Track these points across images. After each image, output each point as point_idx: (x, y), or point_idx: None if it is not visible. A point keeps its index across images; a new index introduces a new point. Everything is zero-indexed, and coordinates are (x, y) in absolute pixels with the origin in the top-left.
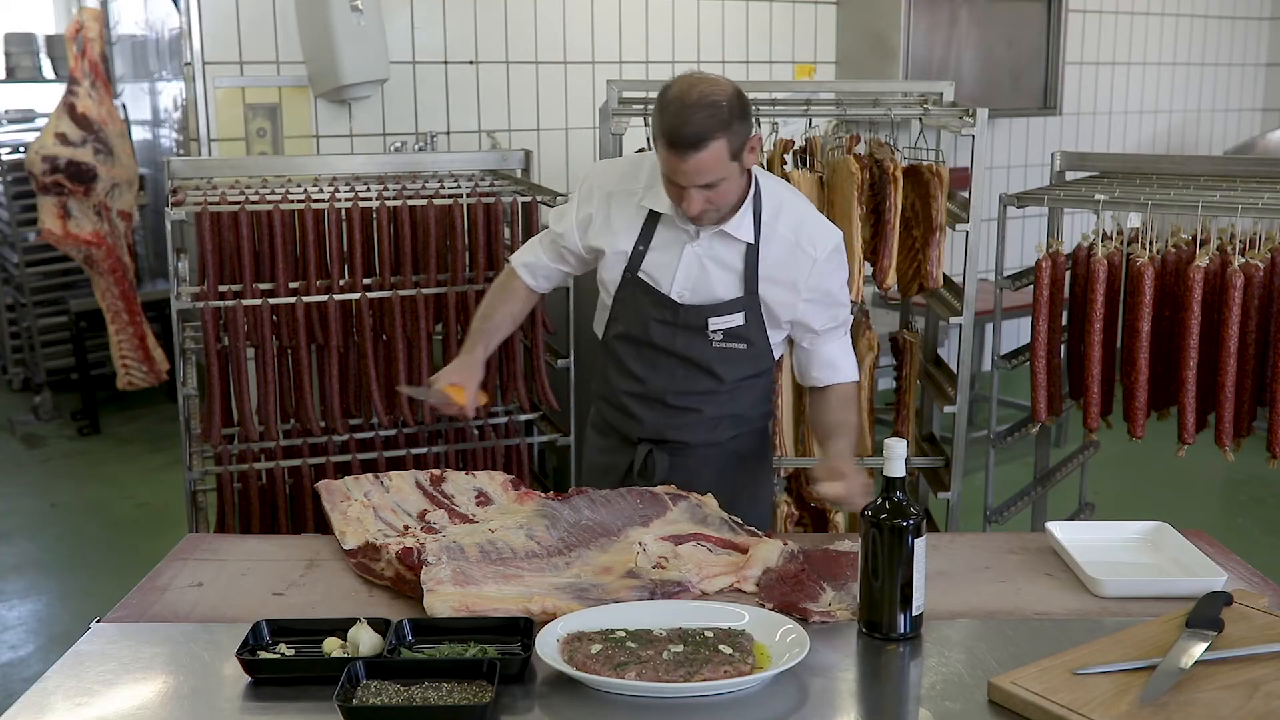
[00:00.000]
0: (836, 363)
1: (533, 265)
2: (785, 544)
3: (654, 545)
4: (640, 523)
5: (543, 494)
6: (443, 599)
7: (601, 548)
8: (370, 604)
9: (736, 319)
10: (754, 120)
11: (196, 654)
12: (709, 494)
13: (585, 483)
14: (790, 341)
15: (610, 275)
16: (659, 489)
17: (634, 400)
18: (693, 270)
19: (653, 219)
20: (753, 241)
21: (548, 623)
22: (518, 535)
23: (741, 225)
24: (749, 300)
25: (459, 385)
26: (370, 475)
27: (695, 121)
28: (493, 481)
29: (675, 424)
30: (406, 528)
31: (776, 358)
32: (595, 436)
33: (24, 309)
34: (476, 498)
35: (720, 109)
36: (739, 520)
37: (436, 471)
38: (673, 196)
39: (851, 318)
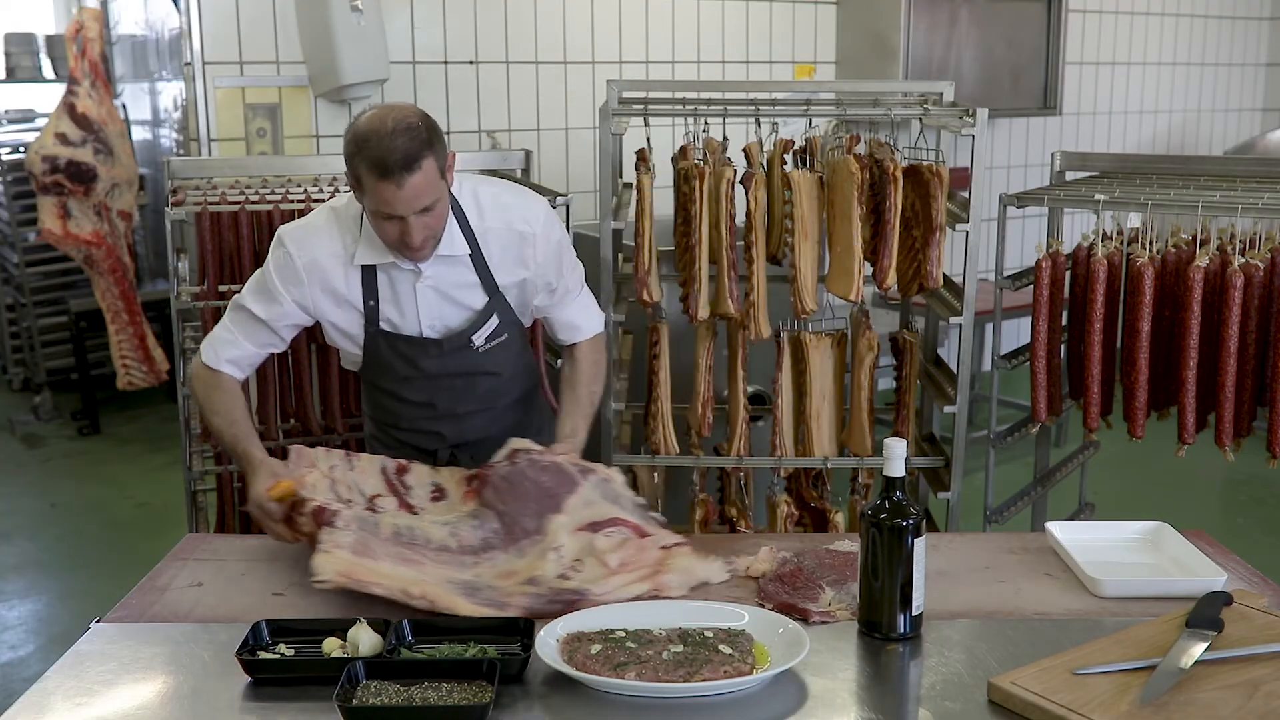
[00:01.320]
0: (576, 322)
1: (237, 359)
2: (709, 557)
3: (571, 542)
4: (553, 508)
5: (476, 483)
6: (331, 561)
7: (519, 551)
8: (370, 604)
9: (493, 322)
10: (444, 139)
11: (196, 654)
12: (614, 468)
13: None
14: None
15: (351, 335)
16: (560, 458)
17: (426, 421)
18: (432, 302)
19: (369, 273)
20: (472, 250)
21: (429, 609)
22: (440, 530)
23: (454, 242)
24: (496, 302)
25: (277, 482)
26: (343, 451)
27: (401, 146)
28: (452, 479)
29: (470, 426)
30: (349, 503)
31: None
32: (383, 450)
33: (24, 309)
34: (432, 492)
35: (419, 129)
36: (644, 502)
37: (404, 462)
38: (390, 237)
39: (583, 272)
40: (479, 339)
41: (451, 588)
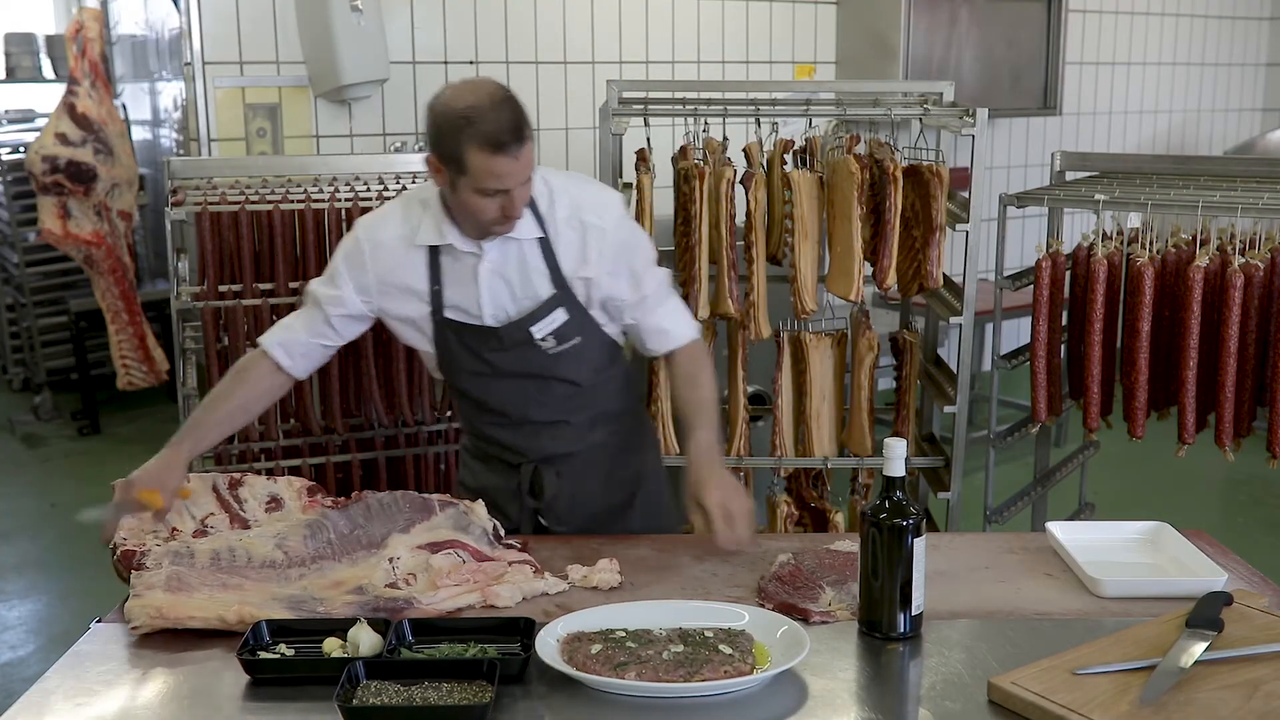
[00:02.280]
0: (665, 328)
1: (289, 344)
2: (546, 574)
3: (408, 557)
4: (403, 529)
5: (328, 503)
6: (143, 605)
7: (353, 561)
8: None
9: (558, 317)
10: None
11: (196, 654)
12: (479, 501)
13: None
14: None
15: (418, 326)
16: (433, 496)
17: (501, 429)
18: (496, 288)
19: (434, 254)
20: (542, 235)
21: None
22: (266, 545)
23: (524, 224)
24: (562, 294)
25: (154, 489)
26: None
27: (510, 117)
28: (290, 488)
29: (549, 437)
30: (176, 531)
31: (616, 342)
32: (474, 462)
33: (24, 309)
34: (268, 503)
35: (514, 99)
36: (502, 533)
37: (237, 475)
38: (489, 213)
39: (668, 277)
40: (540, 331)
41: (275, 604)
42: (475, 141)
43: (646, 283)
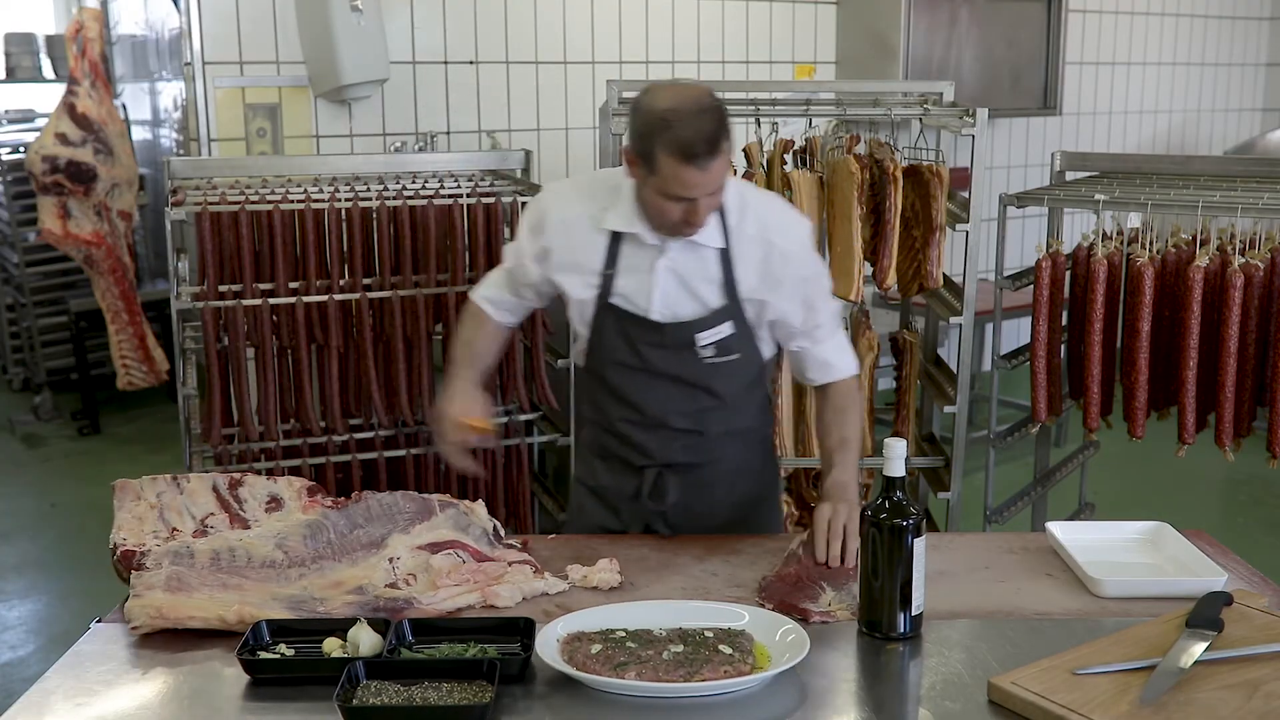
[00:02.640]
0: (830, 360)
1: (495, 300)
2: (546, 574)
3: (408, 557)
4: (404, 529)
5: (329, 503)
6: (143, 605)
7: (353, 561)
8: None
9: (724, 329)
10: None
11: (196, 654)
12: (479, 501)
13: (582, 504)
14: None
15: (581, 305)
16: (433, 496)
17: (634, 428)
18: (670, 286)
19: (615, 240)
20: (724, 246)
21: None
22: (266, 545)
23: (710, 231)
24: (733, 308)
25: (478, 417)
26: (169, 476)
27: (708, 130)
28: (290, 488)
29: (680, 445)
30: (175, 530)
31: (767, 361)
32: (596, 461)
33: (24, 309)
34: (268, 503)
35: (719, 110)
36: (502, 533)
37: (237, 475)
38: (671, 216)
39: (841, 314)
40: (704, 339)
41: (275, 604)
42: (668, 147)
43: (820, 313)
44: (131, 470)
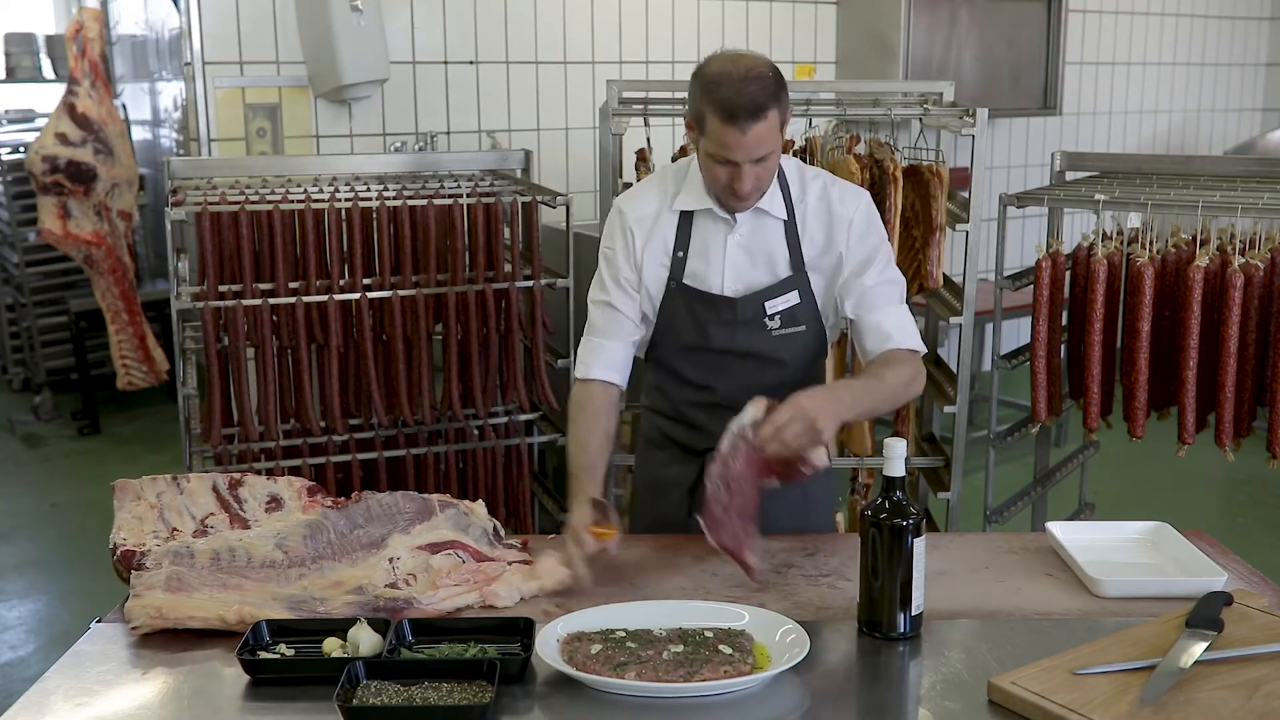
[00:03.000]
0: (888, 331)
1: (607, 360)
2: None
3: (408, 557)
4: (404, 529)
5: (329, 503)
6: (143, 605)
7: (353, 561)
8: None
9: (791, 298)
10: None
11: (196, 654)
12: (479, 501)
13: (644, 500)
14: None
15: (653, 291)
16: (433, 496)
17: (700, 410)
18: (739, 261)
19: (686, 221)
20: (788, 217)
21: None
22: (266, 545)
23: (774, 201)
24: (799, 278)
25: (600, 524)
26: (169, 476)
27: (751, 93)
28: (290, 488)
29: None
30: (175, 530)
31: (827, 344)
32: (652, 451)
33: (24, 309)
34: (268, 503)
35: (769, 80)
36: (502, 533)
37: (237, 475)
38: (720, 180)
39: (904, 287)
40: (773, 308)
41: (275, 604)
42: (712, 107)
43: (874, 275)
44: (131, 470)
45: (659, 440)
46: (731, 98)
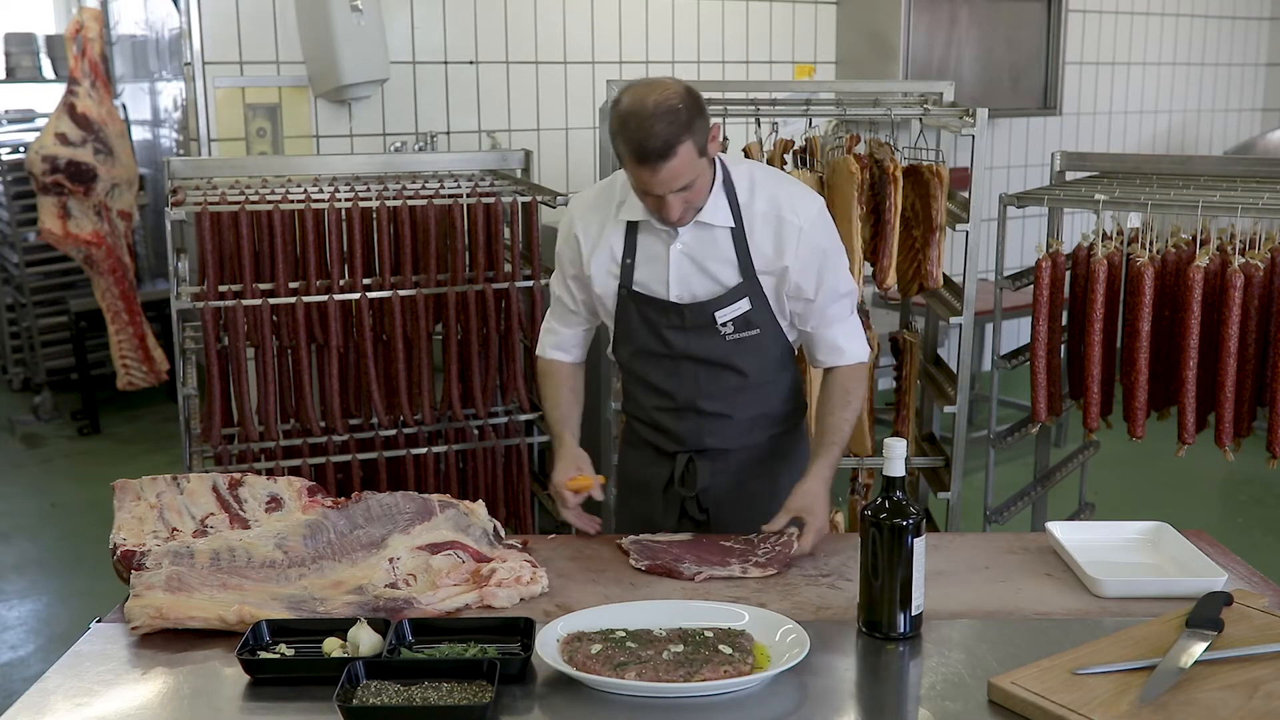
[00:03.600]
0: (839, 344)
1: (555, 344)
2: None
3: (408, 557)
4: (404, 529)
5: (329, 503)
6: (143, 605)
7: (353, 561)
8: None
9: (742, 305)
10: (708, 113)
11: (196, 654)
12: (479, 501)
13: (624, 498)
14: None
15: (605, 297)
16: (433, 496)
17: (665, 414)
18: (684, 269)
19: (632, 230)
20: (734, 225)
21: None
22: (266, 545)
23: (718, 211)
24: (749, 285)
25: (577, 476)
26: (169, 476)
27: (658, 132)
28: (290, 488)
29: (709, 430)
30: (175, 530)
31: (792, 342)
32: (629, 451)
33: (24, 309)
34: (268, 503)
35: (678, 112)
36: (502, 533)
37: (237, 475)
38: (651, 207)
39: (856, 295)
40: (724, 316)
41: (275, 604)
42: (623, 146)
43: (829, 292)
44: (131, 470)
45: (635, 441)
46: (640, 139)
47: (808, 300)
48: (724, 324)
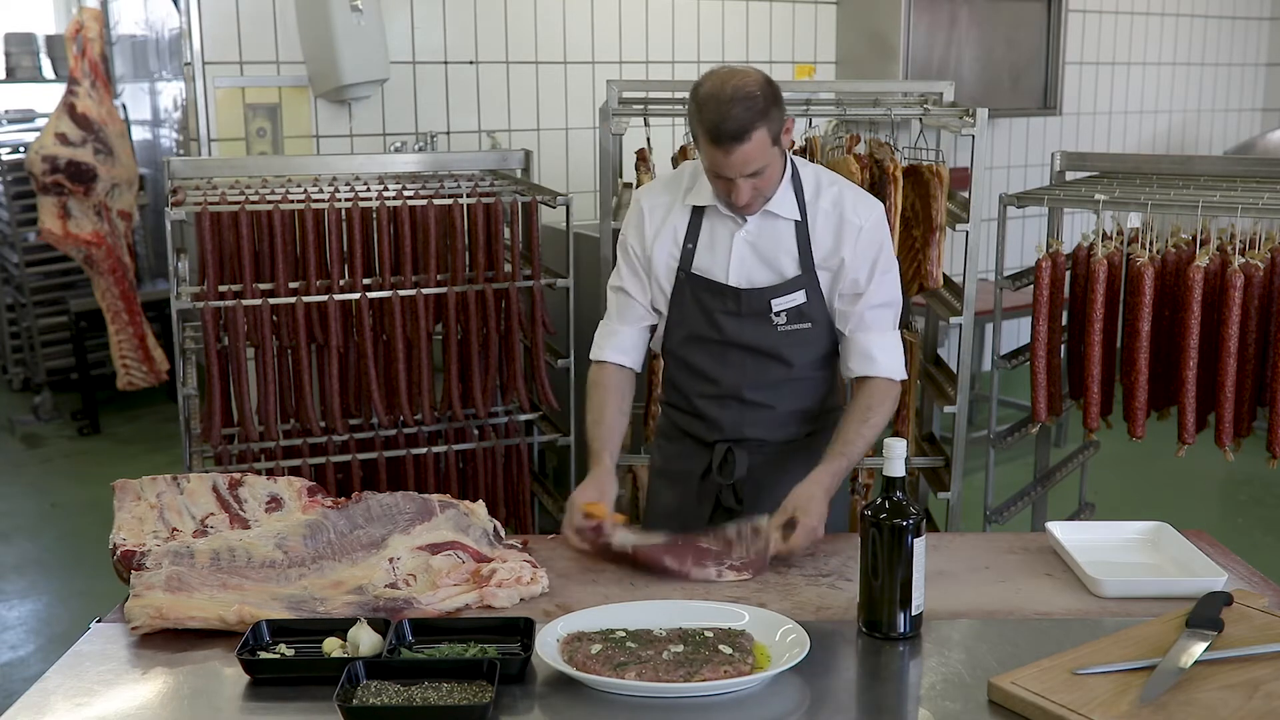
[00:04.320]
0: (874, 354)
1: (619, 344)
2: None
3: (408, 558)
4: (404, 530)
5: (329, 503)
6: (143, 605)
7: (353, 561)
8: None
9: (798, 297)
10: (784, 105)
11: (196, 654)
12: (479, 502)
13: (655, 489)
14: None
15: (663, 279)
16: (433, 497)
17: (707, 401)
18: (746, 256)
19: (697, 216)
20: (800, 219)
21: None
22: (266, 545)
23: (785, 203)
24: (807, 278)
25: (597, 501)
26: (169, 476)
27: (735, 115)
28: (290, 488)
29: (751, 420)
30: (175, 530)
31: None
32: (665, 444)
33: (24, 309)
34: (268, 503)
35: (756, 99)
36: (502, 533)
37: (237, 475)
38: (720, 190)
39: (899, 309)
40: (779, 305)
41: (275, 604)
42: (700, 128)
43: (874, 295)
44: (131, 470)
45: (672, 432)
46: (716, 120)
47: (855, 294)
48: (778, 313)
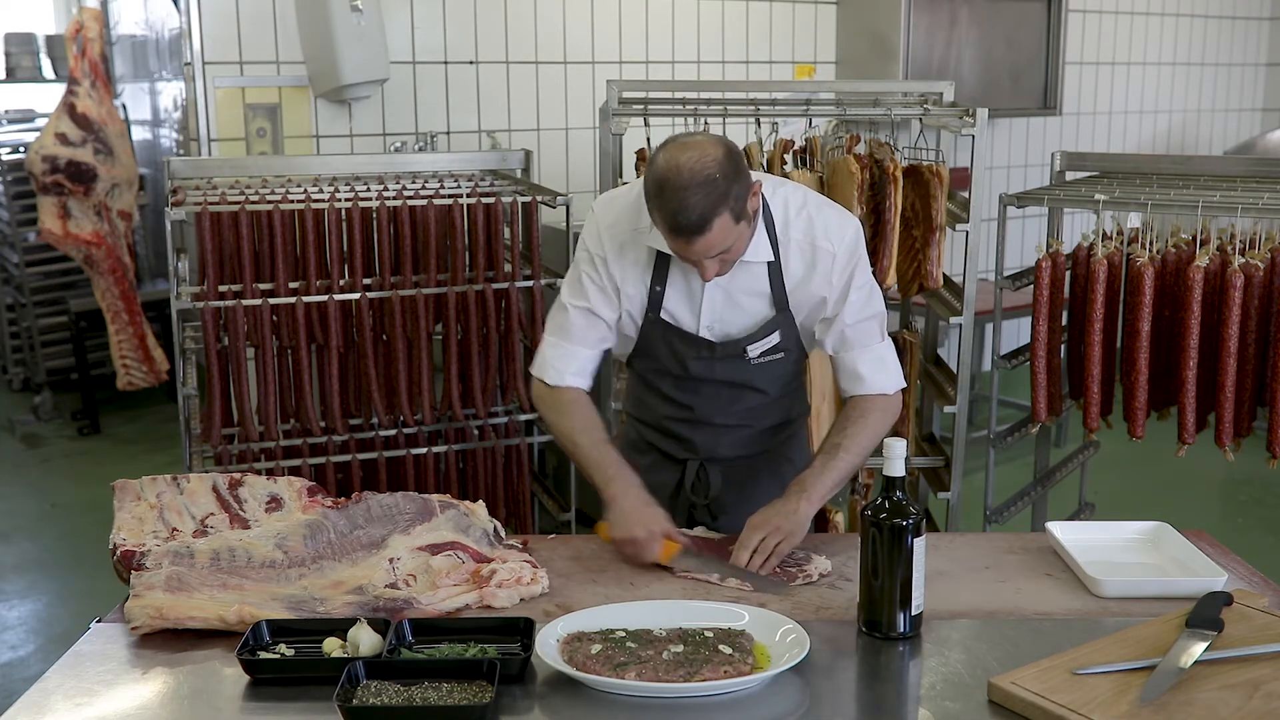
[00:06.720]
0: (861, 373)
1: (579, 368)
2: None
3: (408, 558)
4: (404, 530)
5: (329, 503)
6: (143, 605)
7: (353, 561)
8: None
9: (773, 339)
10: (748, 172)
11: (196, 654)
12: (479, 502)
13: None
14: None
15: (633, 315)
16: (433, 497)
17: (680, 424)
18: (717, 304)
19: (664, 257)
20: (773, 259)
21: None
22: (266, 545)
23: (758, 248)
24: (781, 317)
25: (674, 540)
26: (169, 476)
27: (693, 205)
28: (290, 488)
29: (725, 441)
30: (175, 530)
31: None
32: (633, 455)
33: (24, 309)
34: (268, 503)
35: (715, 183)
36: (502, 534)
37: (237, 475)
38: (685, 261)
39: (883, 319)
40: (754, 350)
41: (275, 604)
42: (658, 215)
43: (854, 312)
44: (131, 470)
45: (640, 444)
46: (674, 210)
47: (835, 316)
48: (753, 356)
